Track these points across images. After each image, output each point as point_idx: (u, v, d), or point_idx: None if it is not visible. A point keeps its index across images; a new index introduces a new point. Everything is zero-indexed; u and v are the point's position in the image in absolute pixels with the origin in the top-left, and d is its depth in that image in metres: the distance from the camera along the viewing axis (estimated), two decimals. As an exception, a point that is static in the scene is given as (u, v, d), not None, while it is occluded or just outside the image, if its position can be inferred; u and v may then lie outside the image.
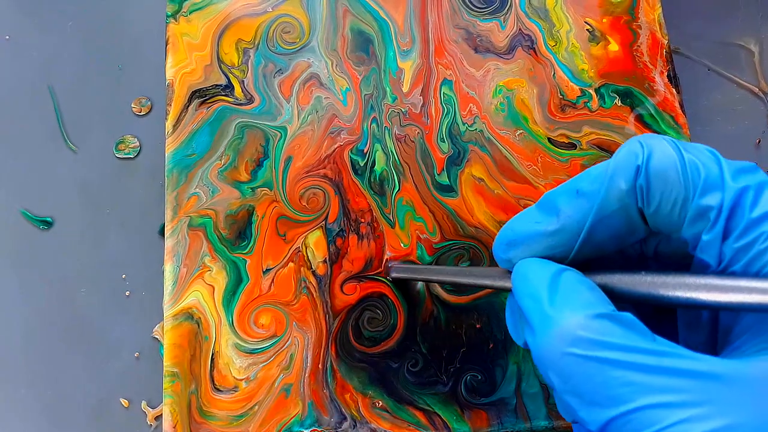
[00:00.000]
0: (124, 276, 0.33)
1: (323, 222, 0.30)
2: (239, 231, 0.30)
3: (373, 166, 0.31)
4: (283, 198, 0.31)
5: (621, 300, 0.17)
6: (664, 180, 0.16)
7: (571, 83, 0.32)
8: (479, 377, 0.28)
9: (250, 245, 0.30)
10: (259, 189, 0.31)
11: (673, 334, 0.19)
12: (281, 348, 0.29)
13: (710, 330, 0.18)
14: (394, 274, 0.28)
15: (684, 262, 0.18)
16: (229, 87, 0.32)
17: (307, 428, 0.28)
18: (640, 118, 0.32)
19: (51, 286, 0.33)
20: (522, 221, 0.19)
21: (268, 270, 0.30)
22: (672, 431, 0.14)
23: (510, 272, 0.19)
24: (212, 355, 0.29)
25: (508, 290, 0.20)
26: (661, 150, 0.16)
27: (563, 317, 0.16)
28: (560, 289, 0.17)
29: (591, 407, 0.15)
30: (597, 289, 0.17)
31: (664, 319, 0.20)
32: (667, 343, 0.15)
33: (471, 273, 0.23)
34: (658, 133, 0.31)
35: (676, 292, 0.16)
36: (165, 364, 0.29)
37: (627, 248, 0.20)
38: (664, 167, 0.16)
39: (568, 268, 0.18)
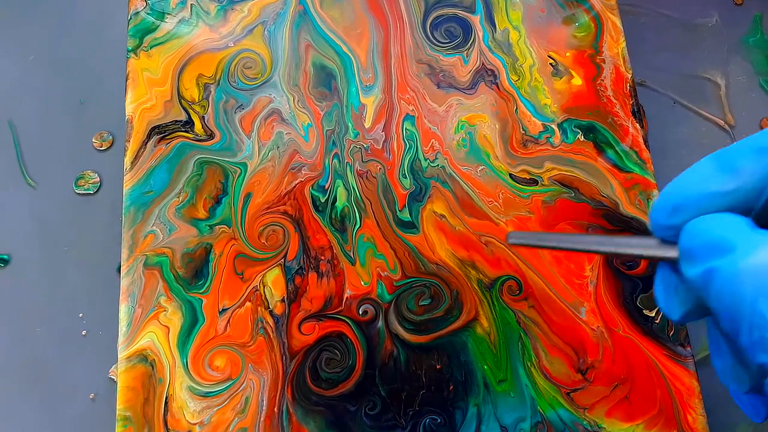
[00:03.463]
0: (81, 315, 0.33)
1: (282, 260, 0.30)
2: (196, 270, 0.30)
3: (335, 203, 0.31)
4: (242, 235, 0.30)
5: None
6: None
7: (534, 118, 0.32)
8: (438, 420, 0.28)
9: (207, 284, 0.29)
10: (217, 226, 0.30)
11: None
12: (236, 391, 0.28)
13: None
14: (513, 240, 0.25)
15: None
16: (189, 123, 0.32)
17: (261, 475, 0.27)
18: (602, 154, 0.31)
19: (6, 324, 0.32)
20: (687, 183, 0.18)
21: (224, 310, 0.29)
22: None
23: (670, 242, 0.18)
24: (166, 398, 0.28)
25: (668, 259, 0.19)
26: None
27: None
28: (758, 228, 0.16)
29: None
30: None
31: None
32: None
33: (616, 243, 0.20)
34: (622, 168, 0.31)
35: None
36: (118, 407, 0.28)
37: None
38: None
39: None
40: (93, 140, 0.35)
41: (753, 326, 0.15)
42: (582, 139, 0.32)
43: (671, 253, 0.18)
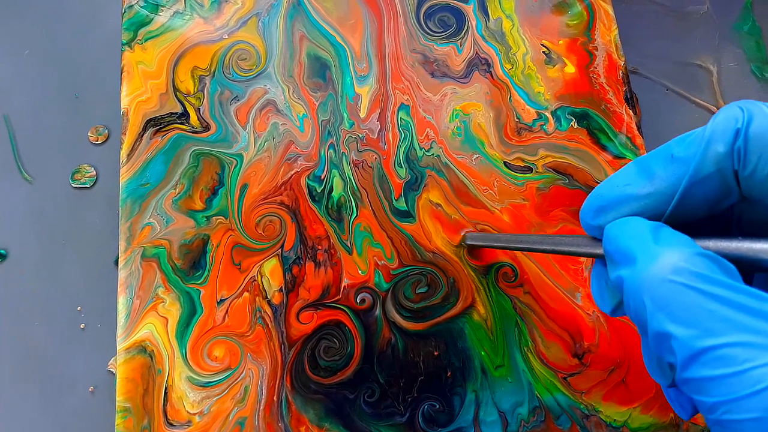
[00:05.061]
0: (79, 308, 0.33)
1: (279, 250, 0.30)
2: (193, 261, 0.30)
3: (331, 192, 0.31)
4: (239, 226, 0.30)
5: None
6: (764, 143, 0.16)
7: (528, 106, 0.32)
8: (437, 406, 0.28)
9: (205, 275, 0.29)
10: (214, 217, 0.30)
11: None
12: (235, 381, 0.28)
13: None
14: (469, 242, 0.27)
15: None
16: (184, 115, 0.32)
17: (261, 463, 0.27)
18: (596, 141, 0.32)
19: (4, 318, 0.33)
20: (611, 186, 0.19)
21: (222, 300, 0.29)
22: (760, 371, 0.14)
23: (599, 240, 0.20)
24: (165, 388, 0.28)
25: (597, 256, 0.20)
26: (762, 113, 0.17)
27: (667, 251, 0.16)
28: (662, 234, 0.17)
29: (687, 333, 0.15)
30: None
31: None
32: (764, 293, 0.15)
33: (554, 241, 0.23)
34: (616, 154, 0.31)
35: None
36: (117, 399, 0.28)
37: (714, 217, 0.19)
38: (765, 130, 0.16)
39: (665, 225, 0.18)
40: (89, 134, 0.35)
41: (655, 336, 0.16)
42: (575, 126, 0.32)
43: (599, 250, 0.20)
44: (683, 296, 0.15)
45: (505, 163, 0.31)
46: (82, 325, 0.33)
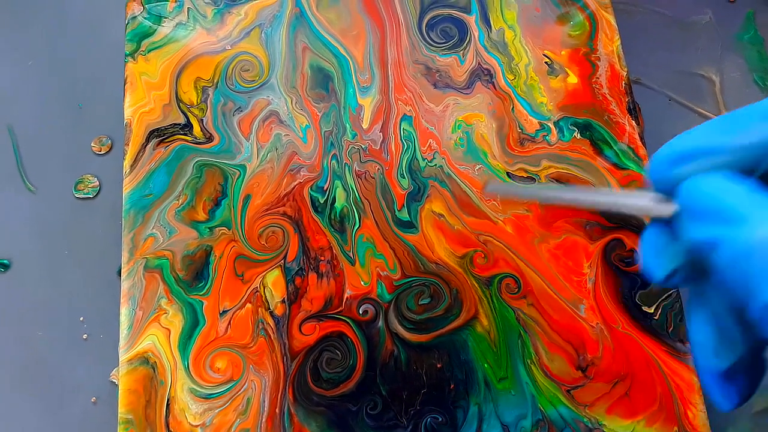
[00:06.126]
0: (82, 318, 0.33)
1: (282, 261, 0.30)
2: (196, 272, 0.30)
3: (333, 203, 0.31)
4: (242, 237, 0.30)
5: None
6: None
7: (530, 117, 0.32)
8: (440, 419, 0.28)
9: (207, 286, 0.29)
10: (217, 228, 0.30)
11: None
12: (237, 392, 0.28)
13: None
14: (490, 189, 0.24)
15: None
16: (187, 126, 0.32)
17: (264, 475, 0.27)
18: (600, 152, 0.32)
19: (7, 328, 0.33)
20: (696, 135, 0.17)
21: (224, 312, 0.29)
22: None
23: (667, 199, 0.17)
24: (168, 400, 0.28)
25: (660, 215, 0.18)
26: None
27: None
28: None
29: None
30: None
31: None
32: None
33: (601, 196, 0.19)
34: (620, 166, 0.31)
35: None
36: (120, 410, 0.28)
37: None
38: None
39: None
40: (92, 144, 0.35)
41: (764, 307, 0.14)
42: (578, 137, 0.32)
43: (666, 210, 0.17)
44: None
45: (507, 173, 0.31)
46: (84, 336, 0.33)
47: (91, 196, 0.35)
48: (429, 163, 0.31)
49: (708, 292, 0.18)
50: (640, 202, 0.18)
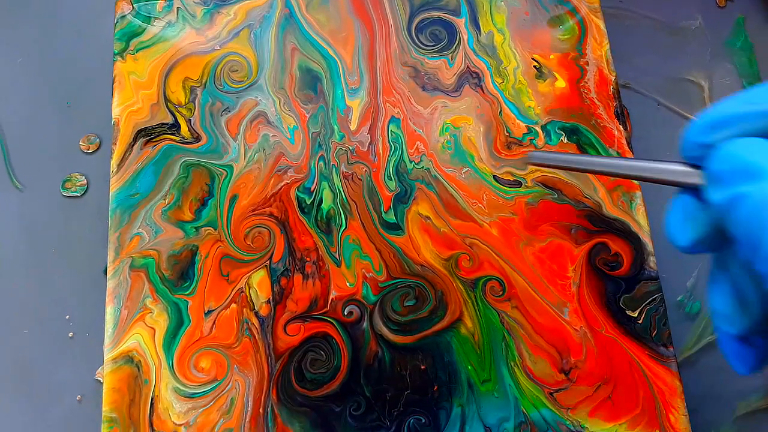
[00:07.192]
0: (67, 317, 0.33)
1: (268, 261, 0.30)
2: (182, 272, 0.30)
3: (320, 204, 0.31)
4: (228, 237, 0.30)
5: None
6: None
7: (518, 120, 0.32)
8: (423, 420, 0.28)
9: (192, 286, 0.29)
10: (203, 228, 0.30)
11: None
12: (221, 392, 0.28)
13: None
14: (535, 161, 0.24)
15: None
16: (175, 126, 0.32)
17: (246, 475, 0.27)
18: (586, 155, 0.32)
19: (-7, 327, 0.33)
20: (733, 103, 0.17)
21: (209, 312, 0.29)
22: None
23: (697, 168, 0.18)
24: (152, 399, 0.28)
25: (688, 186, 0.19)
26: None
27: None
28: None
29: None
30: None
31: None
32: None
33: (635, 166, 0.20)
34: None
35: None
36: (104, 409, 0.28)
37: None
38: None
39: None
40: (80, 143, 0.35)
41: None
42: (565, 141, 0.32)
43: (695, 179, 0.18)
44: None
45: (494, 176, 0.31)
46: (70, 334, 0.33)
47: (78, 194, 0.35)
48: (416, 166, 0.31)
49: (729, 261, 0.18)
50: (673, 168, 0.19)
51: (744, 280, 0.18)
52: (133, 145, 0.31)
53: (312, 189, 0.31)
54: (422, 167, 0.31)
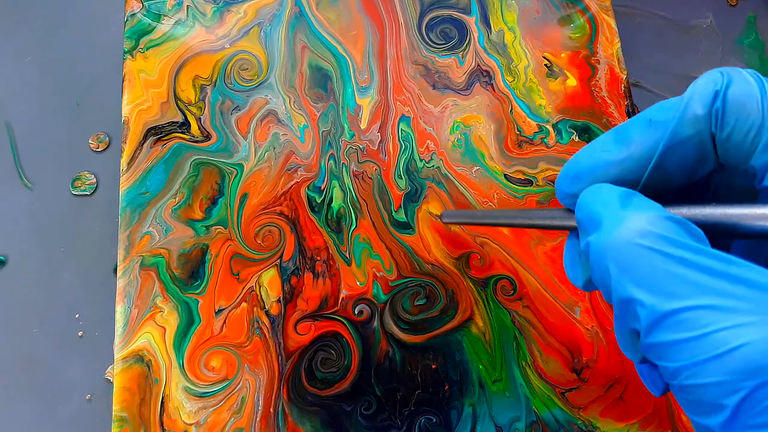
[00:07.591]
0: (77, 316, 0.33)
1: (278, 260, 0.30)
2: (192, 270, 0.30)
3: (331, 203, 0.31)
4: (238, 236, 0.30)
5: None
6: (742, 106, 0.16)
7: (529, 119, 0.32)
8: (434, 420, 0.28)
9: (203, 285, 0.29)
10: (213, 227, 0.30)
11: None
12: (232, 391, 0.28)
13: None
14: (446, 220, 0.27)
15: (746, 199, 0.18)
16: (185, 124, 0.32)
17: (257, 475, 0.27)
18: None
19: (3, 325, 0.33)
20: (588, 153, 0.19)
21: (220, 311, 0.29)
22: (723, 334, 0.14)
23: (573, 212, 0.19)
24: (162, 398, 0.28)
25: (570, 228, 0.20)
26: (742, 78, 0.17)
27: (634, 214, 0.16)
28: (631, 200, 0.17)
29: (651, 297, 0.15)
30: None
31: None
32: (731, 256, 0.15)
33: (528, 215, 0.22)
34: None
35: (753, 222, 0.16)
36: (114, 408, 0.28)
37: (691, 188, 0.19)
38: (743, 94, 0.16)
39: (636, 192, 0.18)
40: (89, 141, 0.35)
41: (620, 302, 0.16)
42: (577, 139, 0.32)
43: (573, 222, 0.19)
44: (648, 259, 0.15)
45: (505, 175, 0.31)
46: (80, 333, 0.32)
47: (88, 193, 0.35)
48: (426, 164, 0.31)
49: None
50: (552, 220, 0.20)
51: (631, 334, 0.19)
52: (143, 144, 0.31)
53: (322, 188, 0.31)
54: (433, 166, 0.31)
